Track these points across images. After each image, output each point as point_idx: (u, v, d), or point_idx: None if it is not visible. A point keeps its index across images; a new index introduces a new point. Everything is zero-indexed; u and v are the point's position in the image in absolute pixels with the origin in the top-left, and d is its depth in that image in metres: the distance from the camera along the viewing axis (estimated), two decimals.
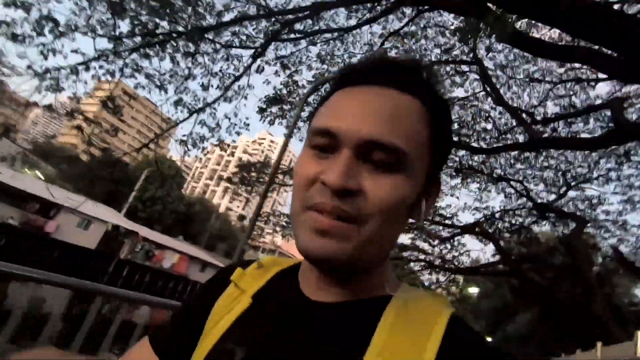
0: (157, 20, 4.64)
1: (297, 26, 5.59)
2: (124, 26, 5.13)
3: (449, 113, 0.53)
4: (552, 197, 9.82)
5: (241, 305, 0.54)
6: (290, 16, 4.10)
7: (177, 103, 6.09)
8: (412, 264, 12.86)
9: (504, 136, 7.88)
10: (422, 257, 12.48)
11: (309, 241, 0.44)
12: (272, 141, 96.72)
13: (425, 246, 12.17)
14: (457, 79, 7.60)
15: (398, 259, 11.44)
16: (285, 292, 0.53)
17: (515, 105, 7.50)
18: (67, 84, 4.91)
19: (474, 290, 14.75)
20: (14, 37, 4.53)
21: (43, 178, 23.00)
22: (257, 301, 0.54)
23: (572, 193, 9.75)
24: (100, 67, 4.89)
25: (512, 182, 9.36)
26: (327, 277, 0.49)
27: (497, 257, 11.43)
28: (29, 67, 4.26)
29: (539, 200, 9.84)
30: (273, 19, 4.30)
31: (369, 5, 4.43)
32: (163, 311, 2.26)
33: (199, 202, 35.15)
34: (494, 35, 3.51)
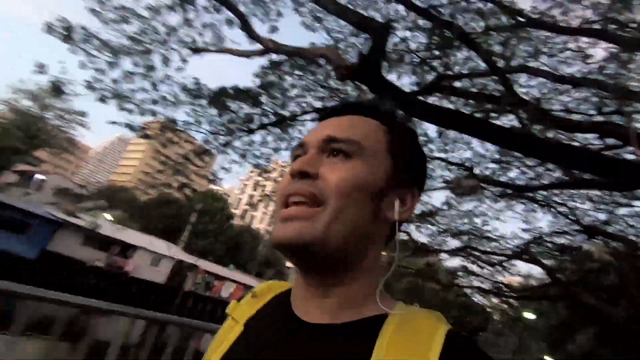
0: (250, 111, 5.99)
1: None
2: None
3: (410, 135, 0.60)
4: (601, 215, 9.96)
5: (234, 333, 0.56)
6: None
7: (257, 166, 7.44)
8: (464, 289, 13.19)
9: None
10: (472, 279, 12.82)
11: (276, 230, 0.49)
12: None
13: (475, 268, 12.56)
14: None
15: (451, 285, 11.94)
16: (277, 315, 0.55)
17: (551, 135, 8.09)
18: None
19: (530, 315, 14.59)
20: (146, 137, 6.02)
21: (112, 219, 25.53)
22: (248, 327, 0.56)
23: (623, 210, 9.83)
24: (206, 151, 6.32)
25: (556, 205, 9.67)
26: (312, 285, 0.51)
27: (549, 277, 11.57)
28: (164, 163, 5.72)
29: (587, 219, 10.02)
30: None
31: None
32: None
33: (246, 230, 37.01)
34: None
